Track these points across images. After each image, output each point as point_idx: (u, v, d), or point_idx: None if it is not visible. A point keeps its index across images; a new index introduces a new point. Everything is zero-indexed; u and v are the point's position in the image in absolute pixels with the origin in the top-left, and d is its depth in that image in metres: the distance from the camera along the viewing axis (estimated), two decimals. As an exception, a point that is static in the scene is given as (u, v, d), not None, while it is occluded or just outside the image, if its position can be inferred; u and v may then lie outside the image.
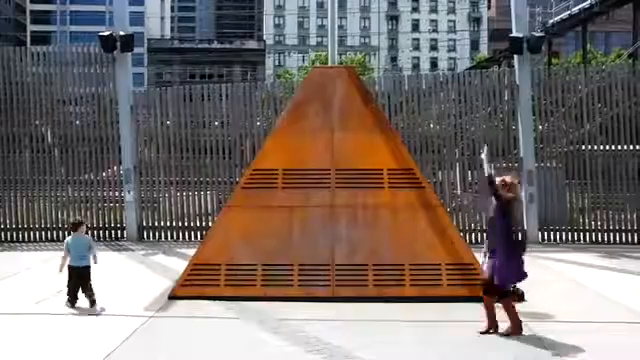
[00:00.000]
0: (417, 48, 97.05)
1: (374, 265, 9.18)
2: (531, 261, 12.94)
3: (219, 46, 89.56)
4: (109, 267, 11.86)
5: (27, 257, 13.22)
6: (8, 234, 15.36)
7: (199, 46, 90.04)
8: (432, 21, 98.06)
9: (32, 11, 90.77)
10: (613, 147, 15.05)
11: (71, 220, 9.98)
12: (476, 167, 15.34)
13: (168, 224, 15.38)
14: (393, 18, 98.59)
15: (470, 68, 51.23)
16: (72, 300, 8.69)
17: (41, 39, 76.11)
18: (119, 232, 15.27)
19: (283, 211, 9.53)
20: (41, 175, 15.43)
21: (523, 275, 7.40)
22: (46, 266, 11.97)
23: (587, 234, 14.93)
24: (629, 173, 15.00)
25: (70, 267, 8.65)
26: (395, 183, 9.64)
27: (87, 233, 9.37)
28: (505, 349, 7.02)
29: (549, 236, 14.90)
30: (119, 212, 15.36)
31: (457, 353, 6.97)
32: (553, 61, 36.92)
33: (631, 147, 15.03)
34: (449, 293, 8.88)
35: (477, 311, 7.84)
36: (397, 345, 7.19)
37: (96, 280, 9.06)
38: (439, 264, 9.18)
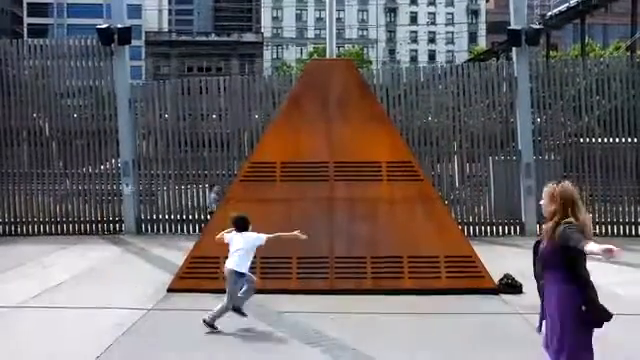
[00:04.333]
0: (415, 41, 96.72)
1: (372, 258, 9.19)
2: (529, 254, 13.07)
3: (217, 39, 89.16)
4: (107, 260, 11.89)
5: (26, 250, 13.20)
6: (6, 227, 15.35)
7: (197, 39, 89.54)
8: (430, 14, 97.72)
9: (29, 3, 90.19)
10: (611, 140, 15.06)
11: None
12: (474, 159, 15.38)
13: (166, 217, 15.39)
14: (391, 10, 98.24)
15: (468, 61, 51.12)
16: None
17: (38, 32, 75.67)
18: (117, 225, 15.27)
19: (281, 204, 9.52)
20: (39, 168, 15.42)
21: None
22: (45, 259, 11.97)
23: (585, 226, 14.93)
24: (627, 166, 15.02)
25: None
26: (393, 176, 9.64)
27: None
28: (503, 343, 7.04)
29: (547, 229, 14.90)
30: (117, 205, 15.35)
31: (454, 345, 6.99)
32: (551, 54, 36.84)
33: (629, 140, 15.05)
34: (448, 285, 8.88)
35: (475, 303, 7.86)
36: (395, 337, 7.20)
37: (94, 273, 9.10)
38: (437, 256, 9.18)
